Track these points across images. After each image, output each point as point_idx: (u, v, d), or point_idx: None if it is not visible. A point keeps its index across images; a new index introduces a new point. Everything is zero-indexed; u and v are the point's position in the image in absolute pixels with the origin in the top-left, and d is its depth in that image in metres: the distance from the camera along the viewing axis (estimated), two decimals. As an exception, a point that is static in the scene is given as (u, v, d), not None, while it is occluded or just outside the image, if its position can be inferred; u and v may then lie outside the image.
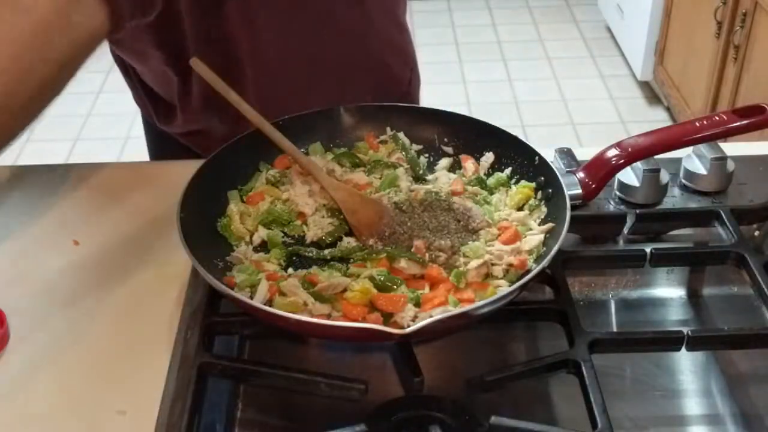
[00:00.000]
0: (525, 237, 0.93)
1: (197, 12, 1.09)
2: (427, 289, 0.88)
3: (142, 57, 1.22)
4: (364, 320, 0.84)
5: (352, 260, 0.93)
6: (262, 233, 0.96)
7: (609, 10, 3.93)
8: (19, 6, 0.80)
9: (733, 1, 2.68)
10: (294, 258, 0.95)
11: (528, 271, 0.88)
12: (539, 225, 0.95)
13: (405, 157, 1.06)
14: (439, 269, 0.89)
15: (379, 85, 1.28)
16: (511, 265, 0.90)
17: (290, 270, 0.93)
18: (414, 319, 0.84)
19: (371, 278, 0.87)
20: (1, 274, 1.00)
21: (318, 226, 0.97)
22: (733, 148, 1.12)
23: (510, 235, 0.92)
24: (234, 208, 0.98)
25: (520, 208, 0.98)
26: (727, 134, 1.04)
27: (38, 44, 0.81)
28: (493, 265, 0.90)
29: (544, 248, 0.92)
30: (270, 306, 0.84)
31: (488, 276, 0.90)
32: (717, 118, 1.05)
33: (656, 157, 1.04)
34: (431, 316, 0.80)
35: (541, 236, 0.92)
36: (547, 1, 4.41)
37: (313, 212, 0.99)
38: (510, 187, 1.01)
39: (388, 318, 0.84)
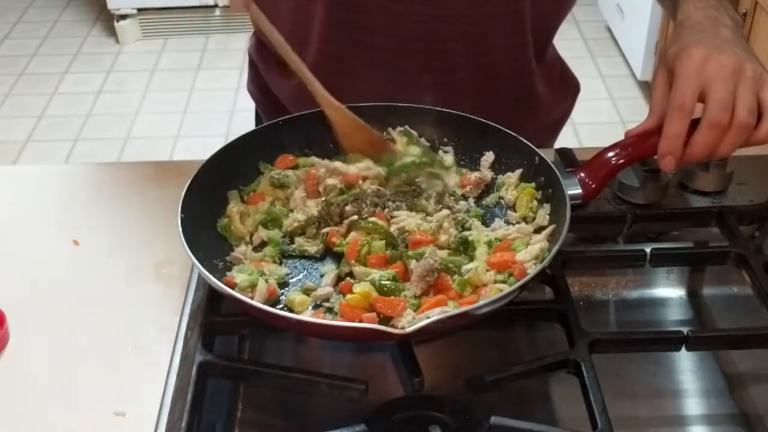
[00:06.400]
0: (527, 248, 0.92)
1: None
2: (431, 295, 0.87)
3: None
4: (361, 321, 0.84)
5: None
6: (262, 233, 0.96)
7: (609, 10, 3.93)
8: None
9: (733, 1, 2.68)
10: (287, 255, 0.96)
11: (528, 271, 0.88)
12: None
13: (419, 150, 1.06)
14: (445, 276, 0.89)
15: None
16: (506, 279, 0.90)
17: (284, 268, 0.93)
18: (413, 319, 0.84)
19: (373, 282, 0.87)
20: (1, 274, 1.00)
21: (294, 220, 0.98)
22: (733, 148, 1.12)
23: (501, 261, 0.91)
24: (234, 208, 0.98)
25: (524, 217, 0.98)
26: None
27: None
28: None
29: (544, 248, 0.92)
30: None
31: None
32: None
33: (656, 157, 1.04)
34: (428, 317, 0.80)
35: (541, 244, 0.92)
36: (547, 1, 4.40)
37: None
38: (514, 189, 1.01)
39: (386, 321, 0.84)
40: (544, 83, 1.28)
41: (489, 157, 1.05)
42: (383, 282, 0.86)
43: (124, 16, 4.03)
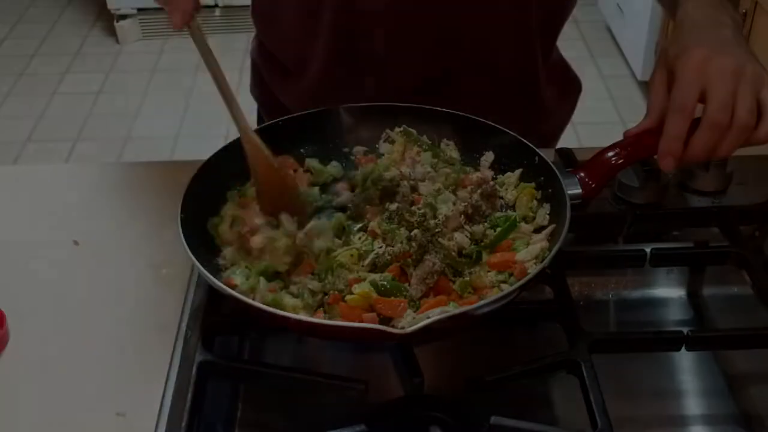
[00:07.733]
0: (527, 248, 0.92)
1: None
2: (431, 296, 0.87)
3: None
4: (362, 321, 0.83)
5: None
6: (261, 285, 0.89)
7: (609, 10, 3.93)
8: None
9: (733, 1, 2.68)
10: None
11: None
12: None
13: (421, 148, 1.06)
14: (445, 278, 0.88)
15: None
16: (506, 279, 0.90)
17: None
18: (413, 319, 0.84)
19: (373, 283, 0.86)
20: (1, 274, 1.00)
21: None
22: (733, 148, 1.12)
23: (501, 261, 0.91)
24: (229, 210, 0.97)
25: (524, 217, 0.97)
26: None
27: None
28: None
29: (544, 248, 0.92)
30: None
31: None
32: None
33: (656, 157, 1.04)
34: (429, 317, 0.80)
35: (541, 244, 0.91)
36: (547, 1, 4.40)
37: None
38: (514, 188, 1.01)
39: (386, 321, 0.84)
40: (550, 86, 1.27)
41: (489, 156, 1.05)
42: (382, 282, 0.86)
43: (124, 16, 4.02)
